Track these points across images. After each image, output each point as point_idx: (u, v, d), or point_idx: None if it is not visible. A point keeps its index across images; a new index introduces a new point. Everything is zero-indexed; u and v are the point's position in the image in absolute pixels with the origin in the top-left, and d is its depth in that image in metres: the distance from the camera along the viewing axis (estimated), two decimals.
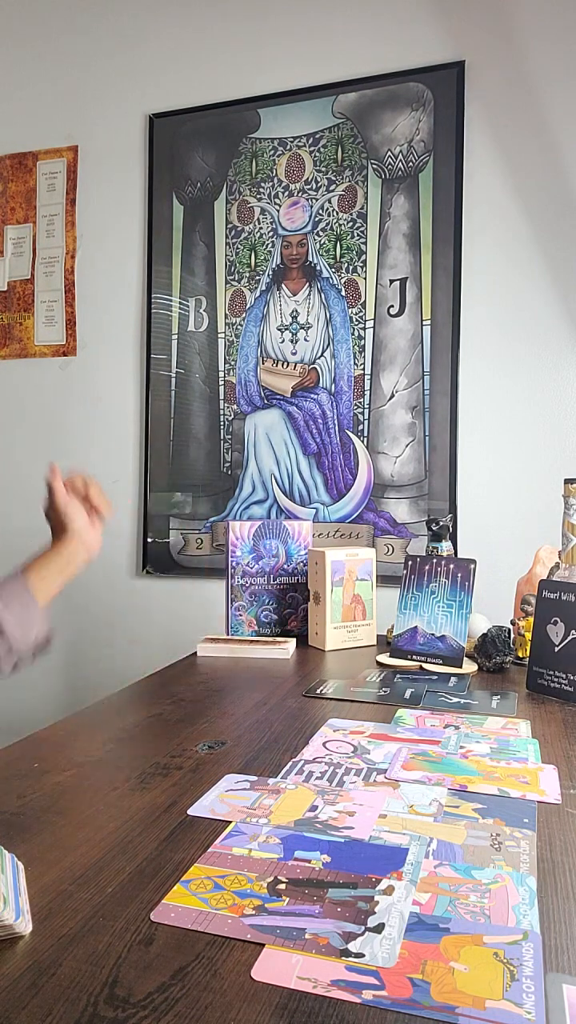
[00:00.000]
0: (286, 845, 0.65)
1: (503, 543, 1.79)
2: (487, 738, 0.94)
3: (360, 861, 0.63)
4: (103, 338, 2.17)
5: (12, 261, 2.26)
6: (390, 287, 1.89)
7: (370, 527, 1.90)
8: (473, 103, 1.82)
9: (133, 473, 2.14)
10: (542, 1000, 0.46)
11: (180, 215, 2.07)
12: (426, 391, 1.85)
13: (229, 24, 2.03)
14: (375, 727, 0.98)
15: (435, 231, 1.84)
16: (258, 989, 0.47)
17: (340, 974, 0.48)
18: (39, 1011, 0.45)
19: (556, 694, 1.14)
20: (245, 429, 2.01)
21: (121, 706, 1.08)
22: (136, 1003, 0.45)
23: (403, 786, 0.79)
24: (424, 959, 0.50)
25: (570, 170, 1.75)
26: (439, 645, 1.33)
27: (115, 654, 2.14)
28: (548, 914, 0.55)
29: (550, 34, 1.76)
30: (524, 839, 0.67)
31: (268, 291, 1.99)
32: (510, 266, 1.80)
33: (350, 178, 1.92)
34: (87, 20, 2.18)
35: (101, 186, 2.17)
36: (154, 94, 2.11)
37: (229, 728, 0.97)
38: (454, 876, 0.61)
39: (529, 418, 1.79)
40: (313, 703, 1.09)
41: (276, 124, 1.98)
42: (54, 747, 0.90)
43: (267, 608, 1.58)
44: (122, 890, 0.58)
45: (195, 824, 0.69)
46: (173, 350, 2.08)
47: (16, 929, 0.51)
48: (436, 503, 1.84)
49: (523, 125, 1.78)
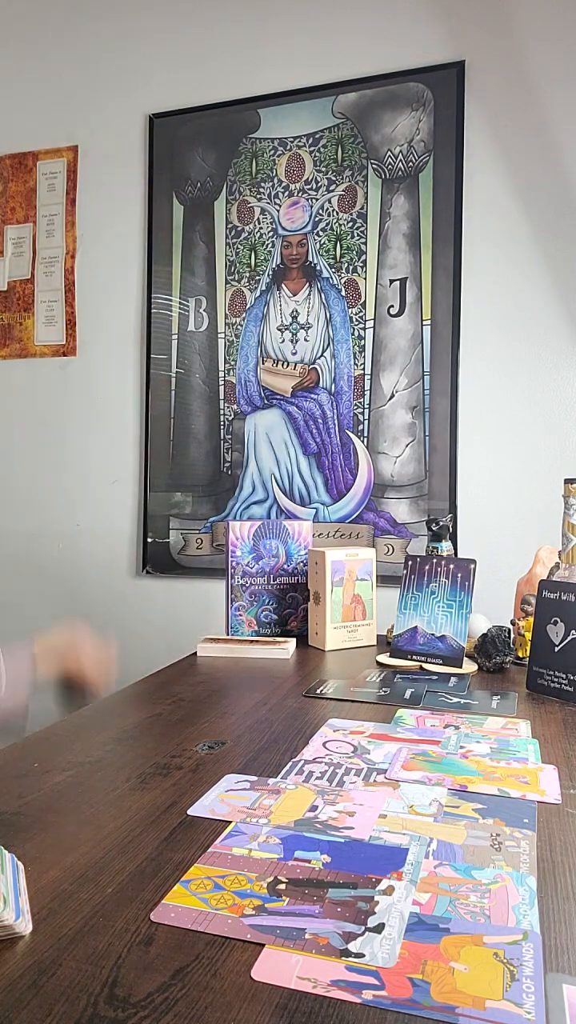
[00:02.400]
0: (286, 845, 0.65)
1: (503, 543, 1.79)
2: (487, 738, 0.94)
3: (360, 861, 0.63)
4: (103, 338, 2.17)
5: (12, 261, 2.27)
6: (390, 287, 1.89)
7: (370, 527, 1.90)
8: (473, 103, 1.82)
9: (133, 473, 2.14)
10: (542, 1000, 0.46)
11: (180, 215, 2.07)
12: (426, 391, 1.85)
13: (229, 24, 2.03)
14: (375, 727, 0.98)
15: (435, 231, 1.84)
16: (258, 989, 0.47)
17: (340, 974, 0.48)
18: (39, 1011, 0.45)
19: (556, 694, 1.14)
20: (245, 429, 2.01)
21: (121, 706, 1.08)
22: (136, 1003, 0.45)
23: (403, 786, 0.79)
24: (424, 959, 0.50)
25: (570, 170, 1.75)
26: (439, 645, 1.33)
27: (115, 654, 2.13)
28: (548, 914, 0.55)
29: (550, 34, 1.76)
30: (524, 839, 0.67)
31: (268, 291, 1.99)
32: (510, 266, 1.80)
33: (350, 178, 1.92)
34: (87, 20, 2.18)
35: (101, 186, 2.17)
36: (154, 94, 2.11)
37: (229, 728, 0.97)
38: (454, 876, 0.61)
39: (529, 418, 1.79)
40: (313, 703, 1.09)
41: (276, 124, 1.98)
42: (54, 747, 0.90)
43: (267, 608, 1.58)
44: (122, 890, 0.58)
45: (195, 824, 0.69)
46: (173, 350, 2.08)
47: (16, 929, 0.51)
48: (436, 503, 1.84)
49: (523, 125, 1.78)
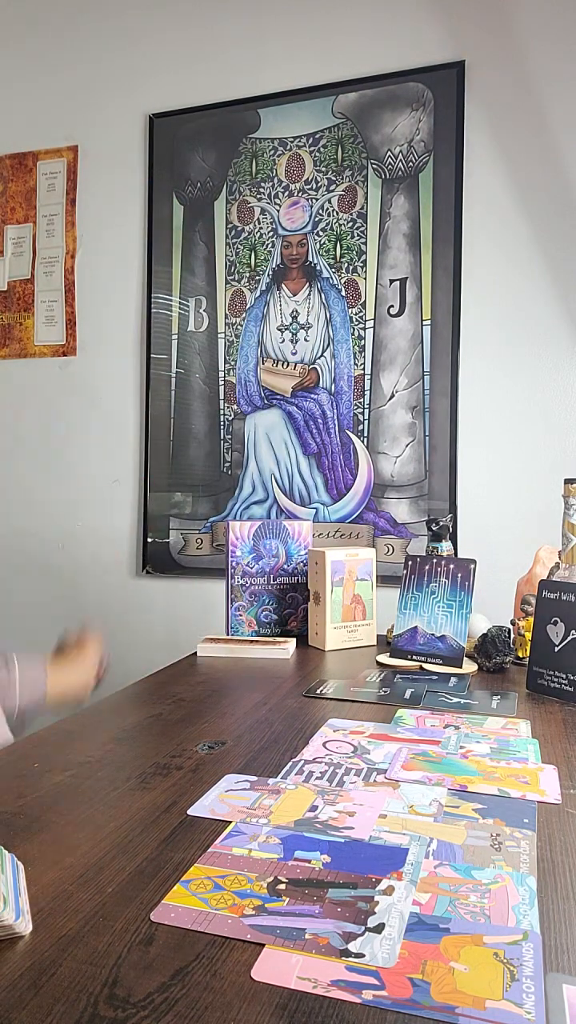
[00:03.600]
0: (286, 845, 0.65)
1: (503, 543, 1.79)
2: (487, 738, 0.94)
3: (360, 861, 0.63)
4: (103, 338, 2.17)
5: (12, 261, 2.26)
6: (390, 287, 1.89)
7: (370, 527, 1.90)
8: (473, 103, 1.82)
9: (133, 473, 2.14)
10: (542, 1000, 0.46)
11: (180, 215, 2.07)
12: (426, 391, 1.85)
13: (229, 24, 2.03)
14: (375, 727, 0.98)
15: (435, 231, 1.84)
16: (258, 989, 0.47)
17: (340, 974, 0.48)
18: (39, 1011, 0.45)
19: (556, 694, 1.14)
20: (245, 429, 2.01)
21: (121, 706, 1.08)
22: (136, 1003, 0.45)
23: (403, 786, 0.79)
24: (424, 959, 0.50)
25: (570, 170, 1.75)
26: (439, 645, 1.33)
27: (115, 654, 2.13)
28: (548, 914, 0.55)
29: (550, 34, 1.76)
30: (524, 839, 0.67)
31: (268, 291, 1.99)
32: (510, 266, 1.80)
33: (350, 178, 1.92)
34: (87, 20, 2.18)
35: (101, 186, 2.17)
36: (154, 94, 2.11)
37: (229, 728, 0.97)
38: (454, 876, 0.61)
39: (529, 418, 1.79)
40: (313, 703, 1.09)
41: (276, 124, 1.98)
42: (54, 747, 0.90)
43: (267, 608, 1.58)
44: (122, 890, 0.58)
45: (195, 824, 0.69)
46: (173, 350, 2.08)
47: (16, 929, 0.51)
48: (436, 503, 1.84)
49: (523, 125, 1.78)
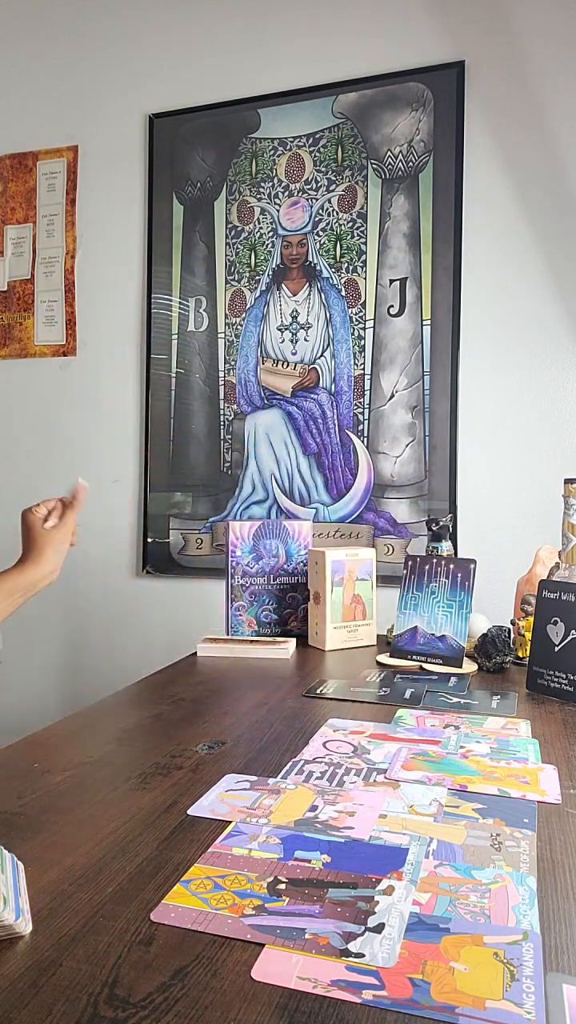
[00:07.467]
0: (286, 845, 0.65)
1: (503, 543, 1.79)
2: (487, 738, 0.94)
3: (360, 861, 0.63)
4: (103, 338, 2.17)
5: (12, 261, 2.26)
6: (390, 287, 1.89)
7: (370, 527, 1.90)
8: (473, 103, 1.82)
9: (133, 473, 2.14)
10: (542, 1000, 0.46)
11: (180, 215, 2.07)
12: (426, 391, 1.85)
13: (229, 24, 2.03)
14: (375, 727, 0.98)
15: (435, 231, 1.84)
16: (258, 989, 0.47)
17: (340, 974, 0.48)
18: (39, 1011, 0.45)
19: (556, 694, 1.14)
20: (245, 429, 2.01)
21: (121, 706, 1.08)
22: (136, 1003, 0.45)
23: (403, 786, 0.79)
24: (424, 959, 0.50)
25: (570, 170, 1.75)
26: (439, 645, 1.33)
27: (115, 654, 2.14)
28: (548, 914, 0.56)
29: (550, 34, 1.76)
30: (524, 839, 0.67)
31: (268, 291, 1.99)
32: (510, 266, 1.80)
33: (350, 178, 1.92)
34: (87, 20, 2.18)
35: (101, 186, 2.17)
36: (154, 94, 2.11)
37: (229, 728, 0.97)
38: (454, 876, 0.61)
39: (529, 418, 1.79)
40: (313, 703, 1.09)
41: (276, 124, 1.98)
42: (54, 747, 0.90)
43: (267, 608, 1.58)
44: (122, 890, 0.58)
45: (195, 824, 0.69)
46: (173, 350, 2.08)
47: (16, 929, 0.51)
48: (436, 503, 1.84)
49: (523, 125, 1.78)
